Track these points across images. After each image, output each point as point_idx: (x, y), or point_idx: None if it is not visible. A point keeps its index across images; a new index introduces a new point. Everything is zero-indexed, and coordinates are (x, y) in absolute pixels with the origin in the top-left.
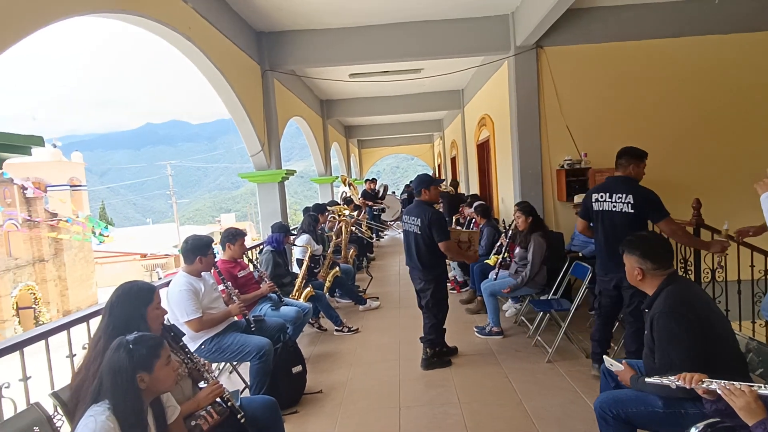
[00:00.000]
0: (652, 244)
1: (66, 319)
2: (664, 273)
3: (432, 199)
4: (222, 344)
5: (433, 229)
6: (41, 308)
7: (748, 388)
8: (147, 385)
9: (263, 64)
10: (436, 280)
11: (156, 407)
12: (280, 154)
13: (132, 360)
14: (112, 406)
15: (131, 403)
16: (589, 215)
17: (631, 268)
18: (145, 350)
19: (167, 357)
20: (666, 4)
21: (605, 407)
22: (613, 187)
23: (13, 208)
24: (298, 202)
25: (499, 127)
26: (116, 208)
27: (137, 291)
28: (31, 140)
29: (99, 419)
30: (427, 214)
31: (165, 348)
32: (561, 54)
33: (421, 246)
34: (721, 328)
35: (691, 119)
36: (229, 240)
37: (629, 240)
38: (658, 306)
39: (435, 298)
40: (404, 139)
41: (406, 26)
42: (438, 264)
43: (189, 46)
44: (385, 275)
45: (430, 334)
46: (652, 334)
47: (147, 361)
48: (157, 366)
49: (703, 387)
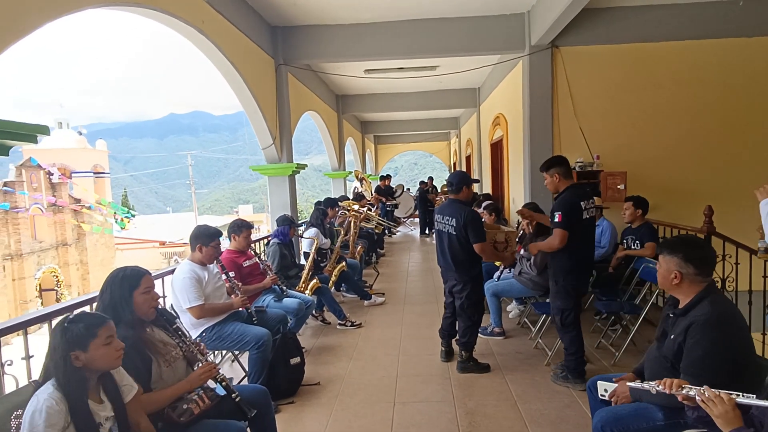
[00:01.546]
0: (697, 248)
1: (69, 302)
2: (705, 281)
3: (467, 198)
4: (222, 333)
5: (469, 230)
6: (63, 291)
7: (727, 395)
8: (83, 363)
9: (277, 58)
10: (473, 281)
11: (108, 384)
12: (291, 148)
13: (64, 338)
14: (56, 384)
15: (68, 378)
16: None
17: (668, 270)
18: (79, 329)
19: (107, 337)
20: (688, 6)
21: (606, 427)
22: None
23: (39, 192)
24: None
25: (512, 127)
26: (138, 196)
27: (123, 276)
28: (36, 129)
29: (41, 397)
30: (463, 214)
31: (106, 328)
32: (576, 54)
33: (456, 247)
34: (749, 348)
35: (709, 124)
36: (234, 231)
37: (671, 241)
38: (701, 314)
39: (471, 300)
40: (421, 136)
41: (421, 23)
42: (475, 264)
43: (202, 40)
44: (394, 272)
45: (465, 337)
46: (679, 339)
47: (82, 340)
48: (92, 345)
49: (683, 393)
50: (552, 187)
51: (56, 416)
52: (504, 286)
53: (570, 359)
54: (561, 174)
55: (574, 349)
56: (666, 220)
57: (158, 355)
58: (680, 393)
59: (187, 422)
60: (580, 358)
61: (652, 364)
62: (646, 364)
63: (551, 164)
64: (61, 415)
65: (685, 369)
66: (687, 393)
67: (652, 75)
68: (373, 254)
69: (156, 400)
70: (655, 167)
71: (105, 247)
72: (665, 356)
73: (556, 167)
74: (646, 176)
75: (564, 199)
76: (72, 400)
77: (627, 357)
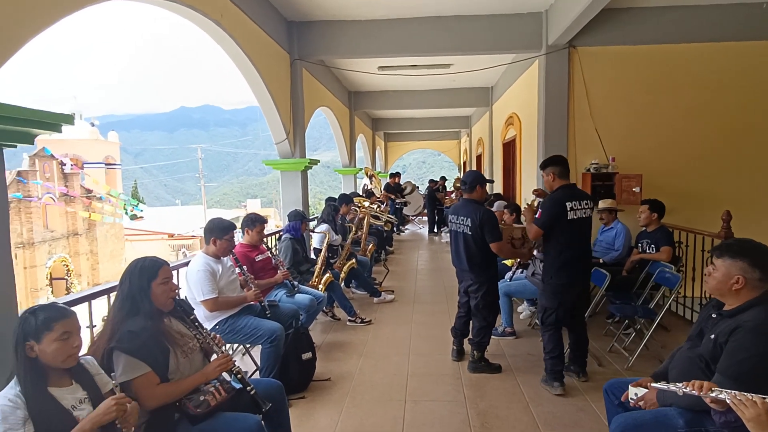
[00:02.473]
0: (764, 254)
1: (87, 292)
2: (764, 287)
3: (482, 198)
4: (236, 326)
5: (485, 229)
6: (73, 280)
7: (761, 399)
8: (36, 355)
9: (293, 53)
10: (489, 281)
11: (82, 376)
12: (304, 143)
13: (21, 327)
14: (17, 378)
15: (23, 367)
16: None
17: (728, 275)
18: (36, 321)
19: (63, 332)
20: (711, 7)
21: None
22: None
23: (52, 182)
24: (323, 192)
25: (526, 127)
26: (148, 188)
27: (141, 267)
28: (61, 118)
29: (2, 401)
30: (478, 214)
31: (64, 323)
32: (594, 54)
33: (471, 247)
34: None
35: (728, 128)
36: (248, 225)
37: (731, 245)
38: (751, 320)
39: (486, 300)
40: (431, 135)
41: (436, 20)
42: (491, 264)
43: (220, 33)
44: (403, 269)
45: (478, 337)
46: (721, 340)
47: (36, 332)
48: (46, 337)
49: (712, 396)
50: (547, 185)
51: (11, 415)
52: (516, 286)
53: (546, 359)
54: (556, 174)
55: (550, 348)
56: (682, 225)
57: (176, 346)
58: (710, 395)
59: (204, 414)
60: (556, 358)
61: (681, 363)
62: (673, 364)
63: (548, 163)
64: (18, 412)
65: (723, 370)
66: (717, 396)
67: (670, 77)
68: (382, 251)
69: (173, 391)
70: (672, 170)
71: (115, 238)
72: (700, 355)
73: (552, 166)
74: (662, 179)
75: (550, 198)
76: (27, 390)
77: (641, 361)
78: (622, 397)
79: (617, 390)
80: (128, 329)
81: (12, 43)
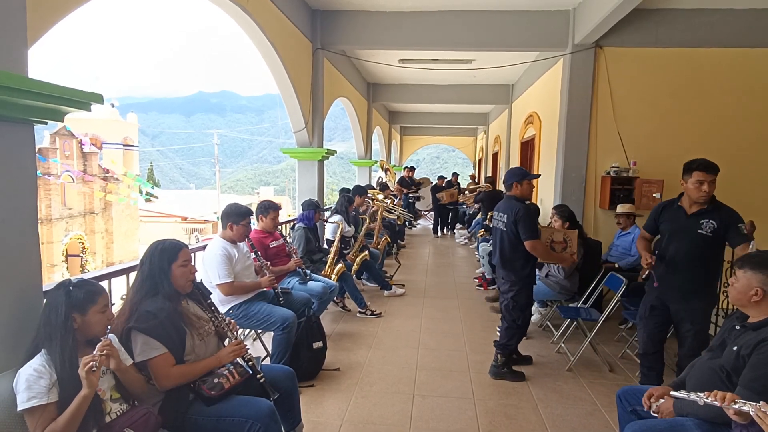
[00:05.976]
0: None
1: (106, 270)
2: None
3: (524, 195)
4: (249, 311)
5: (519, 226)
6: (88, 257)
7: None
8: (78, 326)
9: (315, 42)
10: (521, 283)
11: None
12: (322, 133)
13: (68, 299)
14: (47, 354)
15: (62, 339)
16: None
17: (748, 286)
18: (82, 294)
19: (104, 305)
20: (746, 12)
21: None
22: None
23: (71, 160)
24: (336, 182)
25: (546, 127)
26: (164, 171)
27: (162, 249)
28: (91, 97)
29: (27, 370)
30: (514, 210)
31: (103, 296)
32: (621, 55)
33: (506, 244)
34: None
35: (756, 136)
36: (261, 212)
37: (754, 257)
38: None
39: (516, 302)
40: (447, 130)
41: (461, 14)
42: (525, 265)
43: (245, 19)
44: (414, 263)
45: (504, 339)
46: (744, 352)
47: (82, 304)
48: (91, 310)
49: (735, 408)
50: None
51: (35, 384)
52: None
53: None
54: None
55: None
56: None
57: (192, 329)
58: (733, 407)
59: (218, 396)
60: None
61: (701, 373)
62: (692, 373)
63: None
64: (41, 381)
65: (747, 383)
66: (740, 408)
67: (698, 82)
68: (394, 245)
69: (188, 373)
70: None
71: (130, 219)
72: (721, 366)
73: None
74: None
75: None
76: (63, 358)
77: None
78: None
79: (631, 397)
80: (146, 309)
81: (53, 14)
